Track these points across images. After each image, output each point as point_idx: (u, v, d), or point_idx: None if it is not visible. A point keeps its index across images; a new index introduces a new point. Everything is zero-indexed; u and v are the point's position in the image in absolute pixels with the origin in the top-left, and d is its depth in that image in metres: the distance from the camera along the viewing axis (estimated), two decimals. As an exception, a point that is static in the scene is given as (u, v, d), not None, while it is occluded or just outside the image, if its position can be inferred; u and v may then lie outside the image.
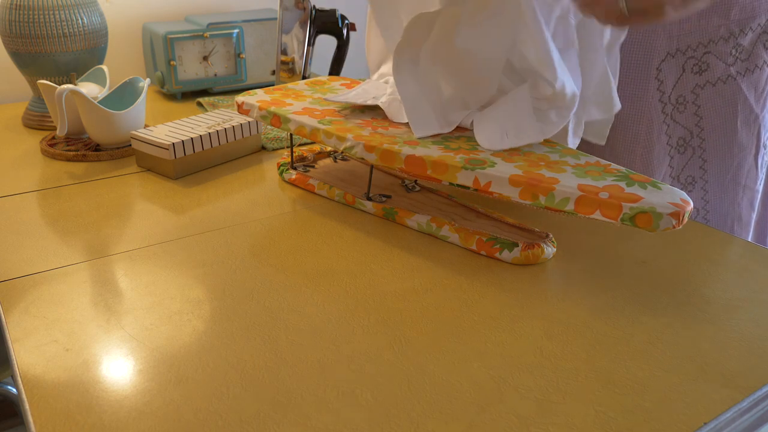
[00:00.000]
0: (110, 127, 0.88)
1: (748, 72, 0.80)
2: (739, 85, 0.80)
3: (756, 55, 0.80)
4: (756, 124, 0.83)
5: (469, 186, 0.60)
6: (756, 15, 0.78)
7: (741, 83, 0.80)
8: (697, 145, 0.82)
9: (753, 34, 0.79)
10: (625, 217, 0.53)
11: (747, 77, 0.80)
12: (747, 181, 0.86)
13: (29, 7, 0.98)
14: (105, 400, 0.44)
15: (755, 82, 0.81)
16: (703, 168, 0.83)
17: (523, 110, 0.66)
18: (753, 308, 0.56)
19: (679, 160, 0.83)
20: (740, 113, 0.81)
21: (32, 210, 0.74)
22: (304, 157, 0.86)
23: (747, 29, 0.78)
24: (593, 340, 0.51)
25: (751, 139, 0.83)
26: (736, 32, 0.78)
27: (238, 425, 0.42)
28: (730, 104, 0.81)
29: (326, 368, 0.48)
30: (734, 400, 0.45)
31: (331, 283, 0.59)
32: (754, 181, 0.86)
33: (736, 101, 0.81)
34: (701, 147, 0.82)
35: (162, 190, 0.80)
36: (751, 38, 0.79)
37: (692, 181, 0.84)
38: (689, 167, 0.83)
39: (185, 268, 0.61)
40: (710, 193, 0.84)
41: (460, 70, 0.69)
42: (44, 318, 0.53)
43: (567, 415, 0.43)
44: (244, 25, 1.22)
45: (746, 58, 0.79)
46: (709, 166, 0.83)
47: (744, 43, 0.78)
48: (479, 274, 0.61)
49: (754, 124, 0.83)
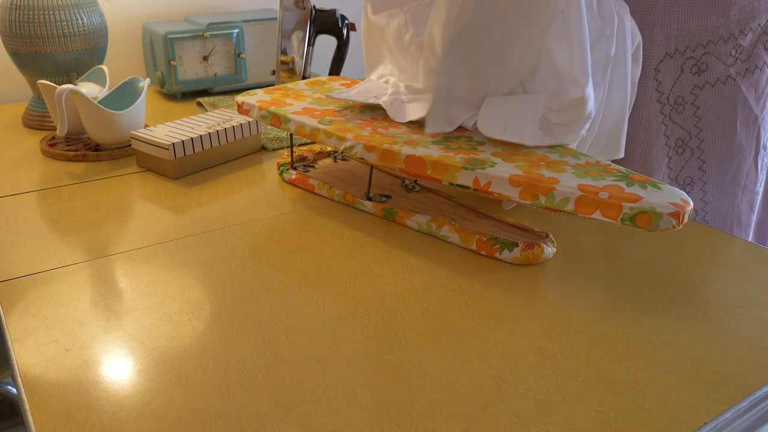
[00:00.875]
0: (110, 127, 0.88)
1: (747, 73, 0.80)
2: (738, 86, 0.80)
3: (756, 55, 0.80)
4: (756, 125, 0.82)
5: (469, 186, 0.60)
6: (756, 15, 0.78)
7: (740, 84, 0.80)
8: (696, 146, 0.82)
9: (753, 34, 0.78)
10: (625, 217, 0.53)
11: (747, 78, 0.80)
12: (746, 183, 0.85)
13: (29, 7, 0.98)
14: (105, 400, 0.44)
15: (755, 83, 0.81)
16: (701, 169, 0.83)
17: (532, 113, 0.66)
18: (753, 308, 0.56)
19: (677, 161, 0.83)
20: (740, 114, 0.81)
21: (32, 210, 0.74)
22: (304, 157, 0.86)
23: (747, 30, 0.78)
24: (593, 340, 0.51)
25: (751, 140, 0.83)
26: (736, 33, 0.78)
27: (238, 425, 0.42)
28: (729, 105, 0.81)
29: (326, 368, 0.48)
30: (734, 400, 0.45)
31: (331, 283, 0.59)
32: (754, 183, 0.86)
33: (736, 102, 0.80)
34: (700, 148, 0.82)
35: (162, 190, 0.80)
36: (751, 39, 0.79)
37: (691, 182, 0.84)
38: (688, 168, 0.83)
39: (185, 268, 0.61)
40: (709, 194, 0.84)
41: (487, 61, 0.68)
42: (44, 318, 0.53)
43: (567, 415, 0.44)
44: (244, 25, 1.22)
45: (746, 58, 0.79)
46: (707, 167, 0.83)
47: (744, 43, 0.78)
48: (479, 274, 0.61)
49: (753, 126, 0.82)
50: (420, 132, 0.70)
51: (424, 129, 0.70)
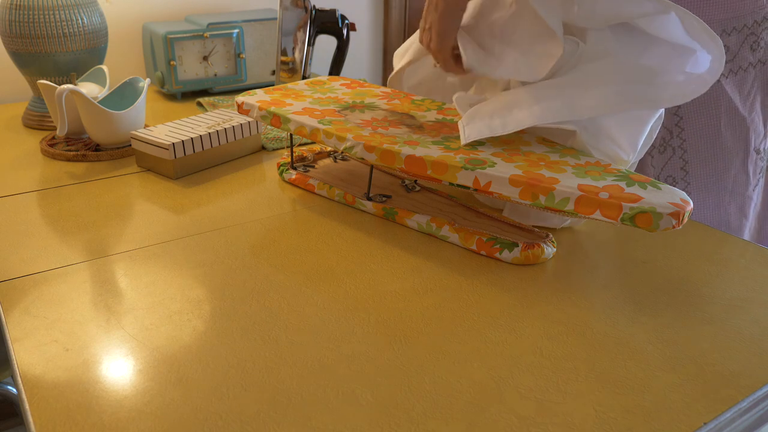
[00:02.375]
0: (110, 127, 0.88)
1: (731, 73, 0.79)
2: (722, 87, 0.79)
3: (741, 56, 0.79)
4: (743, 127, 0.81)
5: (469, 186, 0.60)
6: (741, 15, 0.77)
7: (725, 84, 0.79)
8: (678, 146, 0.82)
9: (739, 35, 0.78)
10: (625, 217, 0.53)
11: (731, 78, 0.79)
12: (734, 187, 0.84)
13: (29, 7, 0.98)
14: (105, 400, 0.44)
15: (739, 83, 0.80)
16: (684, 169, 0.83)
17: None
18: (753, 308, 0.56)
19: (659, 159, 0.83)
20: (723, 115, 0.80)
21: (32, 210, 0.74)
22: (304, 157, 0.86)
23: (731, 30, 0.77)
24: (593, 340, 0.51)
25: (738, 143, 0.82)
26: (720, 33, 0.77)
27: (238, 425, 0.42)
28: (712, 105, 0.80)
29: (326, 368, 0.48)
30: (734, 400, 0.45)
31: (331, 283, 0.59)
32: (744, 187, 0.85)
33: (719, 102, 0.80)
34: (682, 147, 0.82)
35: (162, 190, 0.80)
36: (737, 39, 0.78)
37: (672, 181, 0.84)
38: (669, 167, 0.83)
39: (185, 268, 0.61)
40: (693, 194, 0.83)
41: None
42: (44, 318, 0.53)
43: (567, 415, 0.44)
44: (244, 25, 1.22)
45: (731, 59, 0.79)
46: (690, 167, 0.83)
47: (729, 44, 0.78)
48: (479, 274, 0.61)
49: (740, 127, 0.81)
50: (420, 132, 0.70)
51: (422, 130, 0.70)
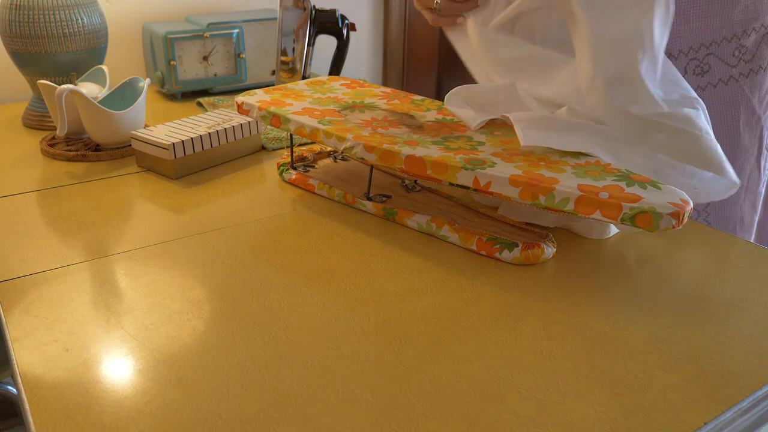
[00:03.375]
0: (110, 127, 0.88)
1: (751, 73, 0.80)
2: (741, 87, 0.80)
3: (760, 56, 0.79)
4: (758, 126, 0.82)
5: (469, 186, 0.60)
6: (759, 15, 0.78)
7: (743, 85, 0.80)
8: None
9: (757, 34, 0.78)
10: (625, 217, 0.53)
11: (750, 79, 0.80)
12: (749, 184, 0.85)
13: (29, 7, 0.98)
14: (105, 400, 0.44)
15: (758, 83, 0.81)
16: None
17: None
18: (753, 308, 0.56)
19: None
20: (742, 115, 0.81)
21: (32, 210, 0.74)
22: (304, 157, 0.86)
23: (750, 30, 0.78)
24: (593, 340, 0.51)
25: (754, 141, 0.83)
26: (739, 33, 0.77)
27: (238, 425, 0.42)
28: (731, 106, 0.80)
29: (326, 368, 0.48)
30: (734, 400, 0.45)
31: (331, 283, 0.59)
32: (756, 184, 0.86)
33: (738, 103, 0.80)
34: None
35: (162, 190, 0.80)
36: (755, 39, 0.78)
37: None
38: None
39: (185, 268, 0.61)
40: None
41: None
42: (44, 318, 0.53)
43: (567, 415, 0.43)
44: (244, 25, 1.22)
45: (749, 59, 0.79)
46: None
47: (747, 44, 0.78)
48: (479, 274, 0.61)
49: (756, 126, 0.82)
50: (420, 133, 0.70)
51: (421, 130, 0.70)
